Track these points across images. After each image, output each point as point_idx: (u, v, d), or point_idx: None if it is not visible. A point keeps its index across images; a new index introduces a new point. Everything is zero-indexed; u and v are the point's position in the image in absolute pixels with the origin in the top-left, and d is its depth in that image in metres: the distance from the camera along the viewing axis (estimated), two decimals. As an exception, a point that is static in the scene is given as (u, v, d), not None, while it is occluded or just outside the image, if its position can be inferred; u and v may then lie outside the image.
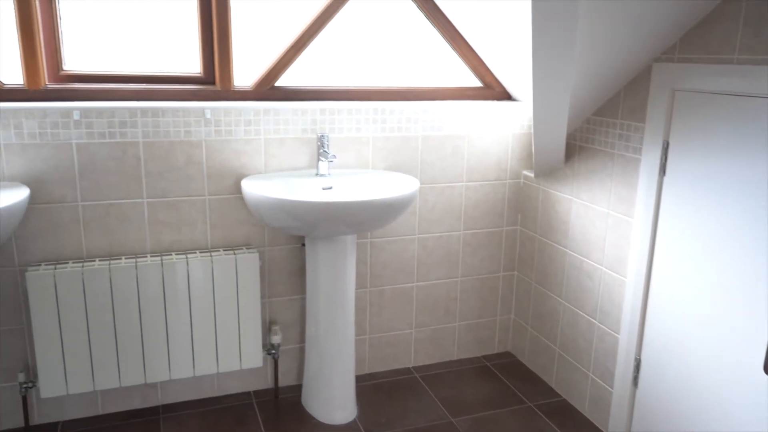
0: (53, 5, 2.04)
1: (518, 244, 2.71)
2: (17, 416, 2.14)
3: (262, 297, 2.33)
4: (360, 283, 2.48)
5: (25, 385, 2.08)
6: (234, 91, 2.24)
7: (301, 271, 2.37)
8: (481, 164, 2.55)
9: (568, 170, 2.36)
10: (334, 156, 2.22)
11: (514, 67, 2.41)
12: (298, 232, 2.12)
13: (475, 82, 2.60)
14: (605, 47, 1.84)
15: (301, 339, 2.44)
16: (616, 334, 2.16)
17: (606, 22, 1.73)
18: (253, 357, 2.25)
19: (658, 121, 1.91)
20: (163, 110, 2.08)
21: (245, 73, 2.27)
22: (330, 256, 2.16)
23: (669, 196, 1.90)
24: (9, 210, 1.78)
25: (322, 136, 2.22)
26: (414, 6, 2.42)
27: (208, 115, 2.13)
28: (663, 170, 1.92)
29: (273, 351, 2.36)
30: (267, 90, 2.29)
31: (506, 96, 2.62)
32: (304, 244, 2.27)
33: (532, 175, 2.57)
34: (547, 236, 2.51)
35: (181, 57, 2.23)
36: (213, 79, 2.24)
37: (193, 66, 2.23)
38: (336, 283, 2.18)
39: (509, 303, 2.79)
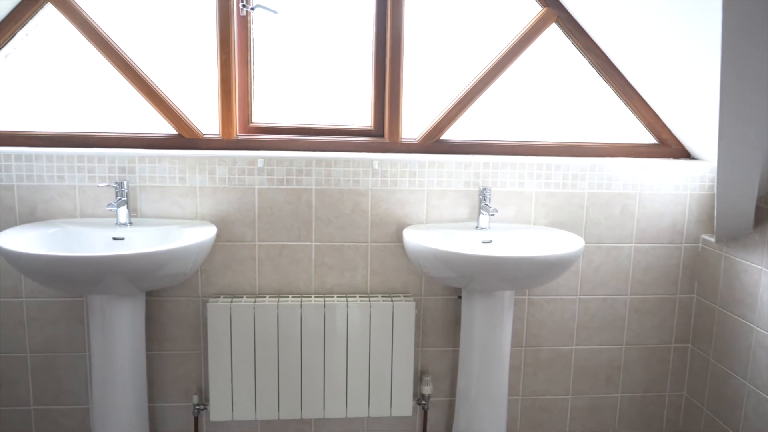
0: (248, 67, 2.29)
1: (694, 315, 2.47)
2: (189, 435, 2.35)
3: (416, 346, 2.34)
4: (515, 341, 2.40)
5: (197, 407, 2.27)
6: (401, 143, 2.34)
7: (455, 323, 2.36)
8: (653, 226, 2.38)
9: (758, 237, 2.12)
10: (496, 210, 2.21)
11: (695, 123, 2.25)
12: (456, 283, 2.12)
13: (649, 139, 2.46)
14: (807, 103, 1.66)
15: (452, 392, 2.41)
16: (816, 430, 1.86)
17: (809, 75, 1.57)
18: (403, 405, 2.26)
19: None
20: (336, 160, 2.23)
21: (412, 126, 2.36)
22: (486, 310, 2.12)
23: None
24: (199, 246, 1.99)
25: (484, 189, 2.23)
26: (585, 61, 2.38)
27: (376, 166, 2.23)
28: None
29: (423, 402, 2.34)
30: (432, 143, 2.35)
31: (684, 154, 2.45)
32: (460, 296, 2.26)
33: (713, 240, 2.35)
34: (730, 308, 2.26)
35: (353, 111, 2.38)
36: (382, 132, 2.35)
37: (365, 119, 2.37)
38: (491, 339, 2.13)
39: (681, 378, 2.53)
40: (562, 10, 2.31)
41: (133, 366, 2.09)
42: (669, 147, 2.44)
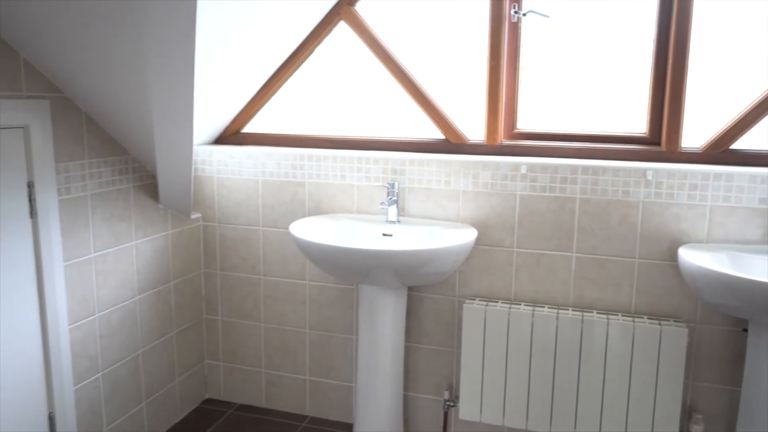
0: (516, 73, 2.29)
1: None
2: (437, 428, 2.43)
3: (685, 378, 2.10)
4: (816, 391, 2.01)
5: (447, 403, 2.35)
6: (680, 152, 2.12)
7: (736, 359, 2.06)
8: None
9: None
10: (800, 233, 1.87)
11: None
12: (741, 314, 1.85)
13: None
14: None
15: (726, 437, 2.11)
16: None
17: None
18: (666, 441, 2.05)
19: None
20: (604, 169, 2.11)
21: (693, 134, 2.12)
22: (780, 349, 1.82)
23: None
24: (459, 248, 2.05)
25: (786, 208, 1.91)
26: None
27: (650, 177, 2.06)
28: None
29: (690, 441, 2.10)
30: (719, 153, 2.09)
31: None
32: (746, 329, 1.97)
33: None
34: None
35: (625, 117, 2.22)
36: (658, 140, 2.16)
37: (638, 126, 2.20)
38: (784, 384, 1.82)
39: None
40: None
41: (393, 353, 2.24)
42: None
